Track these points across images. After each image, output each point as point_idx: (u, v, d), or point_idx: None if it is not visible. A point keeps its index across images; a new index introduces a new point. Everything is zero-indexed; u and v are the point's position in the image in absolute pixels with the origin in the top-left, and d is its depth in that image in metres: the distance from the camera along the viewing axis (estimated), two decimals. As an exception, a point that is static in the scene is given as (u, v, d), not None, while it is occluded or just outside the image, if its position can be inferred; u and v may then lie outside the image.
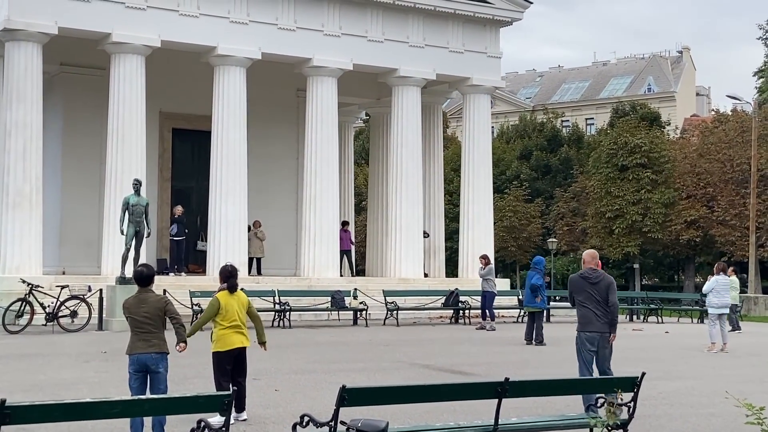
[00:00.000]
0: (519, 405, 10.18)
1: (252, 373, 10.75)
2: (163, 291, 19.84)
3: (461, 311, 26.87)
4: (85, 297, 21.91)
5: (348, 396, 7.26)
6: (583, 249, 49.05)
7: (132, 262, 21.95)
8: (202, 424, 6.88)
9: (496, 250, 32.97)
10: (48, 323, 21.27)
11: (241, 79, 27.66)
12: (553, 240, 52.16)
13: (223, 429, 6.83)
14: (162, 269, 27.62)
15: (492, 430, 7.94)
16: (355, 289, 25.94)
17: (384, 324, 24.98)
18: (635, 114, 59.53)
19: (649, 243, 46.13)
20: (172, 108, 30.89)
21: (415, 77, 30.20)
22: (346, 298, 25.48)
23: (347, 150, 36.77)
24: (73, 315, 21.51)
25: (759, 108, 43.06)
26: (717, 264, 22.06)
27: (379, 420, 7.12)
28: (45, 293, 22.06)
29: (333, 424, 7.08)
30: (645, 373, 8.80)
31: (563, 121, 76.33)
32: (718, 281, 20.46)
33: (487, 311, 24.60)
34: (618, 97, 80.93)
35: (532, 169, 59.49)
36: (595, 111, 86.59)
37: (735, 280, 26.48)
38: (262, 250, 30.22)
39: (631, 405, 8.56)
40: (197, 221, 30.51)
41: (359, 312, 25.18)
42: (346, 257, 32.09)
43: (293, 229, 32.19)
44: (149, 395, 8.29)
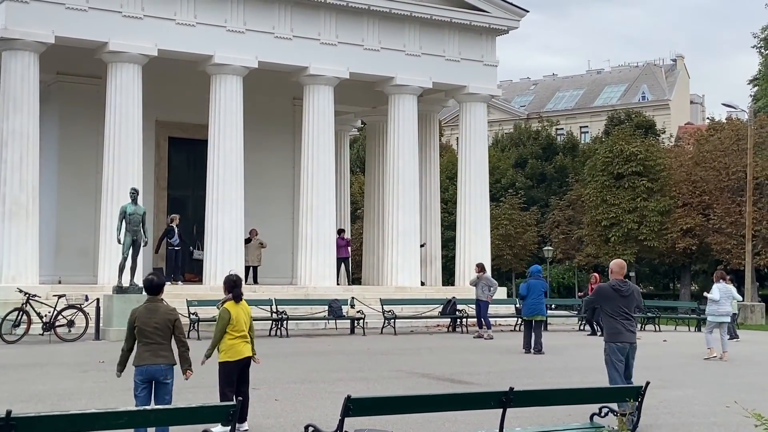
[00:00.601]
0: (520, 414, 10.15)
1: (251, 383, 10.71)
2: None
3: (458, 320, 26.83)
4: (82, 306, 21.84)
5: (353, 406, 7.22)
6: (579, 257, 49.34)
7: (129, 271, 21.92)
8: (206, 434, 6.84)
9: (491, 258, 32.93)
10: (45, 333, 21.19)
11: (238, 88, 27.65)
12: (549, 248, 52.18)
13: (228, 440, 6.79)
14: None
15: (497, 440, 7.90)
16: (352, 298, 25.90)
17: (381, 333, 24.94)
18: (630, 122, 59.68)
19: (645, 251, 46.14)
20: (168, 117, 30.87)
21: (412, 86, 30.21)
22: (343, 306, 25.44)
23: (343, 158, 36.77)
24: (70, 324, 21.44)
25: (754, 116, 43.12)
26: (716, 272, 22.03)
27: (386, 431, 7.09)
28: (42, 303, 21.97)
29: (339, 434, 7.04)
30: (649, 383, 8.78)
31: (558, 130, 76.46)
32: (721, 289, 20.40)
33: (483, 320, 24.57)
34: (612, 106, 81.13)
35: (527, 178, 59.54)
36: (590, 119, 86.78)
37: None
38: (259, 258, 30.19)
39: (636, 414, 8.54)
40: (193, 230, 30.46)
41: (356, 321, 25.13)
42: (343, 266, 32.05)
43: (290, 238, 32.14)
44: (154, 406, 8.23)
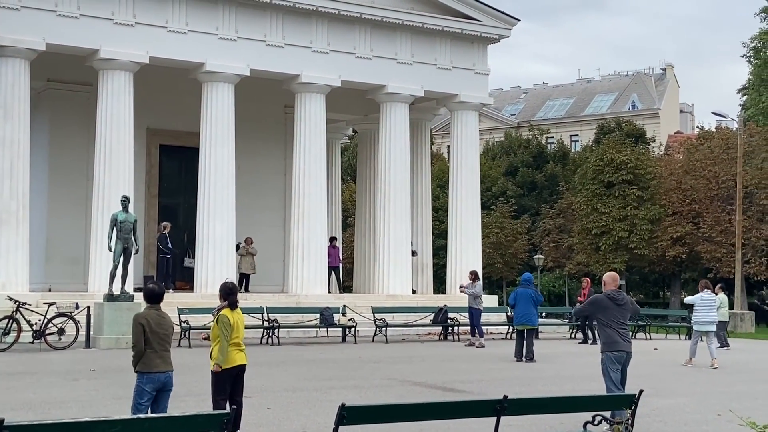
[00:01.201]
0: (513, 423, 10.13)
1: (243, 391, 10.65)
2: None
3: (450, 328, 26.82)
4: (73, 314, 21.74)
5: (347, 414, 7.21)
6: (570, 265, 49.40)
7: (120, 279, 21.85)
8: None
9: (482, 266, 32.95)
10: (35, 341, 21.08)
11: (230, 96, 27.64)
12: (540, 256, 52.23)
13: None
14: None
15: (491, 448, 7.89)
16: (344, 306, 25.88)
17: (373, 341, 24.91)
18: (620, 131, 59.83)
19: (636, 259, 46.23)
20: (159, 124, 30.84)
21: (403, 94, 30.25)
22: (334, 314, 25.41)
23: (335, 166, 36.77)
24: (61, 332, 21.34)
25: (744, 125, 43.29)
26: (701, 281, 22.27)
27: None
28: (32, 310, 21.85)
29: (333, 442, 7.02)
30: (642, 391, 8.80)
31: (548, 138, 76.65)
32: (703, 298, 20.69)
33: (476, 328, 24.57)
34: (602, 114, 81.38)
35: (518, 186, 59.63)
36: (580, 128, 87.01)
37: (723, 297, 26.61)
38: (253, 267, 30.16)
39: (630, 422, 8.55)
40: (185, 238, 30.40)
41: (348, 329, 25.10)
42: (334, 274, 32.02)
43: (281, 246, 32.11)
44: (149, 414, 8.19)
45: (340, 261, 33.28)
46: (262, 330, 23.67)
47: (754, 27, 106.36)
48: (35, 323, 21.33)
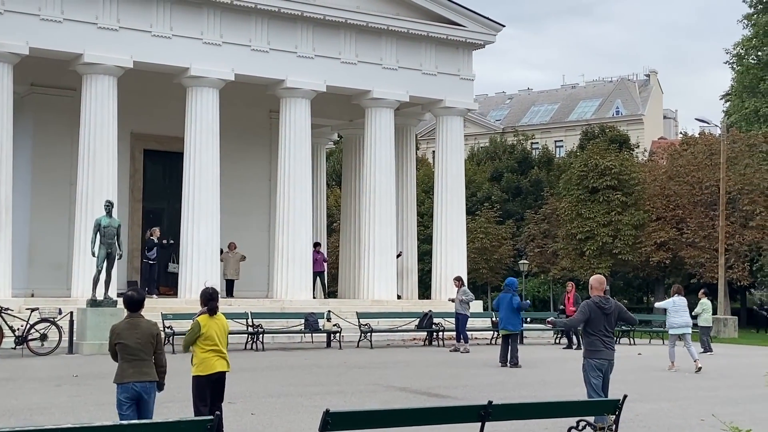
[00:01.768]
0: (497, 428, 10.13)
1: (227, 397, 10.59)
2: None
3: (435, 333, 26.81)
4: (56, 320, 21.61)
5: (332, 420, 7.19)
6: (554, 270, 49.48)
7: (103, 284, 21.75)
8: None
9: (467, 272, 32.98)
10: (17, 346, 20.93)
11: (214, 101, 27.58)
12: (525, 262, 52.30)
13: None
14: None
15: (476, 454, 7.89)
16: (329, 311, 25.83)
17: (358, 346, 24.89)
18: (604, 136, 60.03)
19: (620, 265, 46.35)
20: (143, 129, 30.74)
21: (389, 99, 30.27)
22: (319, 320, 25.38)
23: (320, 171, 36.75)
24: (43, 338, 21.22)
25: (727, 131, 43.51)
26: (674, 286, 22.46)
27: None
28: (14, 316, 21.73)
29: (317, 449, 7.00)
30: (626, 396, 8.81)
31: (533, 144, 76.83)
32: (675, 302, 20.92)
33: (461, 333, 24.57)
34: (587, 120, 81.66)
35: (502, 191, 59.72)
36: (565, 133, 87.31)
37: (707, 302, 26.72)
38: (237, 272, 30.07)
39: (614, 427, 8.56)
40: (170, 242, 30.26)
41: (333, 334, 25.06)
42: (319, 279, 31.96)
43: (265, 251, 32.05)
44: (131, 421, 8.13)
45: (324, 266, 33.22)
46: (246, 335, 23.60)
47: (737, 34, 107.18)
48: (18, 329, 21.19)
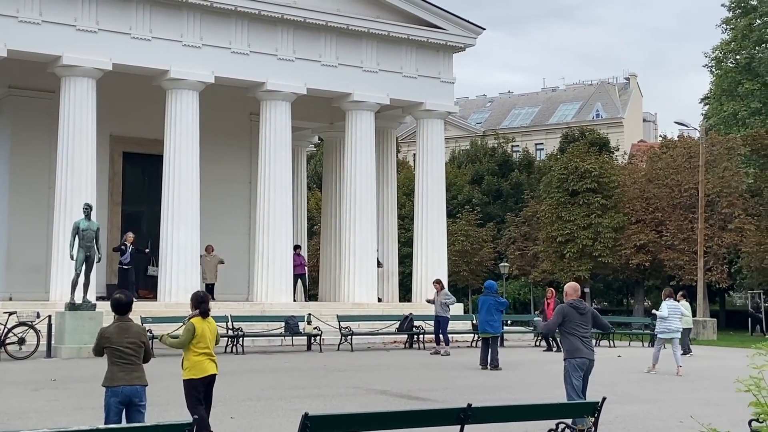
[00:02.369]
0: (476, 431, 10.12)
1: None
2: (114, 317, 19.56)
3: (416, 336, 26.81)
4: (34, 324, 21.44)
5: (310, 423, 7.17)
6: (535, 273, 49.60)
7: (82, 288, 21.61)
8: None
9: (448, 274, 33.00)
10: (-5, 350, 20.79)
11: (194, 103, 27.48)
12: (505, 264, 52.41)
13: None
14: (112, 295, 27.12)
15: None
16: (309, 314, 25.77)
17: (338, 349, 24.84)
18: (584, 139, 60.25)
19: (600, 267, 46.53)
20: (123, 131, 30.60)
21: (369, 102, 30.25)
22: (299, 323, 25.31)
23: (300, 174, 36.69)
24: (21, 342, 21.06)
25: (705, 134, 43.78)
26: (665, 290, 22.50)
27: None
28: (-8, 320, 21.56)
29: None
30: (606, 398, 8.83)
31: (513, 146, 77.02)
32: (669, 306, 20.90)
33: (442, 336, 24.58)
34: (567, 123, 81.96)
35: (483, 194, 59.83)
36: (545, 136, 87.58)
37: (686, 304, 26.82)
38: (216, 275, 29.95)
39: (593, 430, 8.57)
40: (148, 245, 30.13)
41: (313, 337, 25.01)
42: (299, 282, 31.90)
43: (245, 254, 31.97)
44: (109, 425, 8.06)
45: (305, 269, 33.16)
46: (226, 339, 23.49)
47: (716, 38, 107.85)
48: (-5, 333, 21.02)
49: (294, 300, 29.66)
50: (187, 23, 27.30)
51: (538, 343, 29.08)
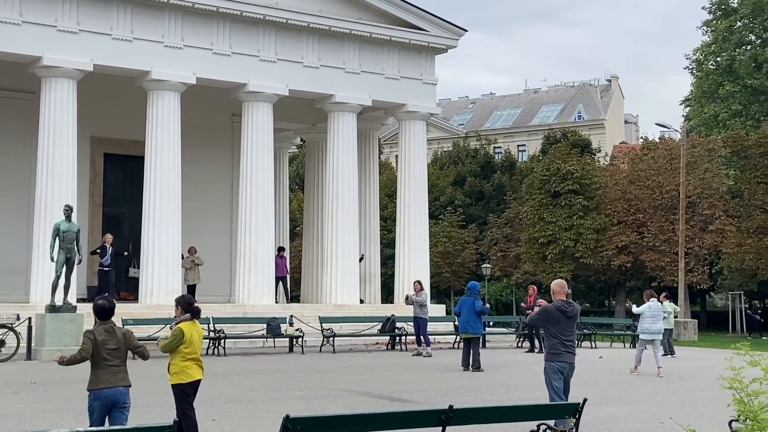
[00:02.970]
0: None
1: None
2: (95, 320, 19.46)
3: (398, 337, 26.82)
4: (14, 326, 21.32)
5: (292, 426, 7.15)
6: (517, 274, 49.71)
7: (62, 290, 21.49)
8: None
9: (430, 276, 33.03)
10: (-26, 353, 20.64)
11: (175, 104, 27.38)
12: (488, 265, 52.47)
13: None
14: (93, 297, 27.05)
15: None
16: (291, 316, 25.73)
17: (320, 351, 24.81)
18: (566, 141, 60.42)
19: (581, 268, 46.66)
20: (103, 133, 30.46)
21: (351, 103, 30.24)
22: (281, 324, 25.26)
23: (282, 175, 36.62)
24: (1, 344, 20.89)
25: (687, 136, 44.00)
26: (646, 291, 22.57)
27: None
28: (-29, 322, 21.41)
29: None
30: (587, 399, 8.85)
31: (496, 148, 77.17)
32: (651, 307, 20.98)
33: (423, 337, 24.60)
34: (549, 124, 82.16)
35: (466, 195, 59.89)
36: (527, 138, 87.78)
37: (672, 305, 26.94)
38: (199, 277, 29.85)
39: (574, 431, 8.59)
40: (129, 248, 30.01)
41: (295, 339, 24.97)
42: (281, 283, 31.85)
43: (227, 255, 31.88)
44: (89, 428, 8.02)
45: (287, 271, 33.11)
46: (208, 341, 23.42)
47: (697, 40, 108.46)
48: (-25, 335, 20.88)
49: (276, 302, 29.61)
50: (169, 24, 27.20)
51: (520, 344, 29.14)
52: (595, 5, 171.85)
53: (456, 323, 26.46)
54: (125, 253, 29.03)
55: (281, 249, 32.66)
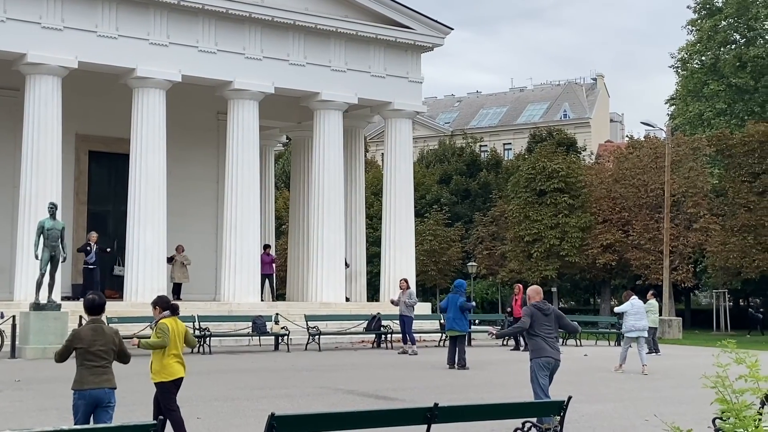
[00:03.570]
0: (443, 430, 10.13)
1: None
2: (79, 318, 19.40)
3: (383, 336, 26.82)
4: (-3, 324, 21.23)
5: (277, 424, 7.14)
6: (502, 272, 49.78)
7: (47, 287, 21.40)
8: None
9: (416, 274, 33.03)
10: (-42, 351, 20.55)
11: (161, 102, 27.29)
12: (473, 264, 52.55)
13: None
14: (77, 295, 26.97)
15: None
16: (277, 314, 25.70)
17: (306, 349, 24.79)
18: (552, 139, 60.57)
19: (567, 267, 46.79)
20: (88, 130, 30.33)
21: (337, 101, 30.21)
22: (267, 323, 25.24)
23: (268, 173, 36.55)
24: (-15, 342, 20.84)
25: (671, 134, 44.18)
26: (626, 292, 22.65)
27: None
28: (-45, 320, 21.31)
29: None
30: (571, 397, 8.87)
31: (481, 146, 77.30)
32: (633, 305, 21.04)
33: (408, 335, 24.61)
34: (535, 123, 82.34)
35: (451, 194, 59.98)
36: (513, 136, 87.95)
37: (654, 303, 27.03)
38: (186, 275, 29.77)
39: (559, 428, 8.62)
40: (114, 246, 29.91)
41: (280, 337, 24.94)
42: (267, 282, 31.80)
43: (213, 253, 31.81)
44: (73, 426, 7.99)
45: (273, 269, 33.06)
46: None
47: (682, 39, 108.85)
48: (-42, 333, 20.78)
49: (262, 300, 29.57)
50: (154, 21, 27.10)
51: (505, 342, 29.18)
52: (582, 4, 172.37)
53: (442, 321, 26.51)
54: (109, 251, 28.90)
55: (267, 247, 32.62)
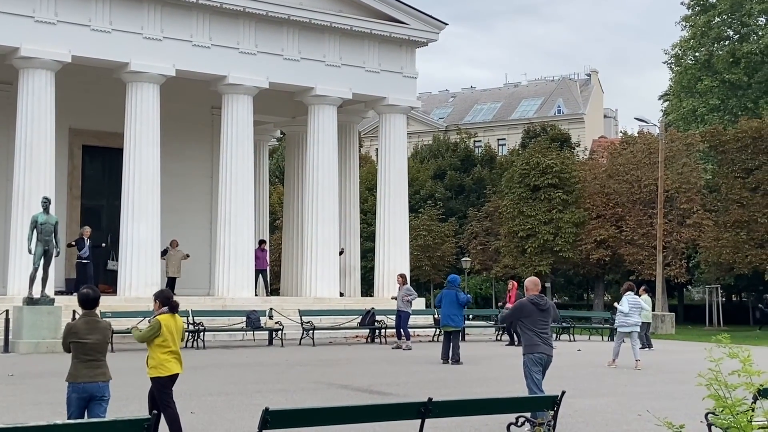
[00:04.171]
0: (438, 425, 10.17)
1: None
2: (73, 312, 19.40)
3: (377, 330, 26.84)
4: (-9, 318, 21.20)
5: (271, 418, 7.15)
6: (496, 268, 49.84)
7: (40, 282, 21.37)
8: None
9: (410, 269, 33.05)
10: (-49, 346, 20.52)
11: (155, 96, 27.24)
12: (467, 259, 52.56)
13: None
14: (70, 289, 26.94)
15: (415, 450, 7.90)
16: (271, 309, 25.71)
17: (300, 344, 24.81)
18: (546, 135, 60.58)
19: (560, 262, 46.83)
20: (82, 124, 30.28)
21: (332, 96, 30.19)
22: (261, 317, 25.24)
23: (262, 168, 36.54)
24: (-22, 337, 20.81)
25: (665, 130, 44.21)
26: (625, 284, 22.64)
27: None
28: (-52, 315, 21.28)
29: (256, 447, 6.95)
30: (565, 392, 8.90)
31: (476, 142, 77.29)
32: (630, 301, 21.06)
33: (402, 330, 24.64)
34: (529, 119, 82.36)
35: (446, 189, 59.96)
36: (507, 132, 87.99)
37: (647, 299, 27.08)
38: (179, 270, 29.76)
39: (552, 423, 8.64)
40: (108, 240, 29.88)
41: (275, 332, 24.95)
42: (261, 276, 31.80)
43: (207, 248, 31.79)
44: (68, 421, 7.99)
45: (267, 264, 33.06)
46: (187, 334, 23.35)
47: (675, 35, 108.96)
48: (-49, 328, 20.75)
49: (256, 294, 29.56)
50: (148, 16, 27.05)
51: (499, 337, 29.24)
52: (576, 0, 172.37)
53: (436, 316, 26.53)
54: (103, 245, 28.89)
55: (262, 242, 32.62)
